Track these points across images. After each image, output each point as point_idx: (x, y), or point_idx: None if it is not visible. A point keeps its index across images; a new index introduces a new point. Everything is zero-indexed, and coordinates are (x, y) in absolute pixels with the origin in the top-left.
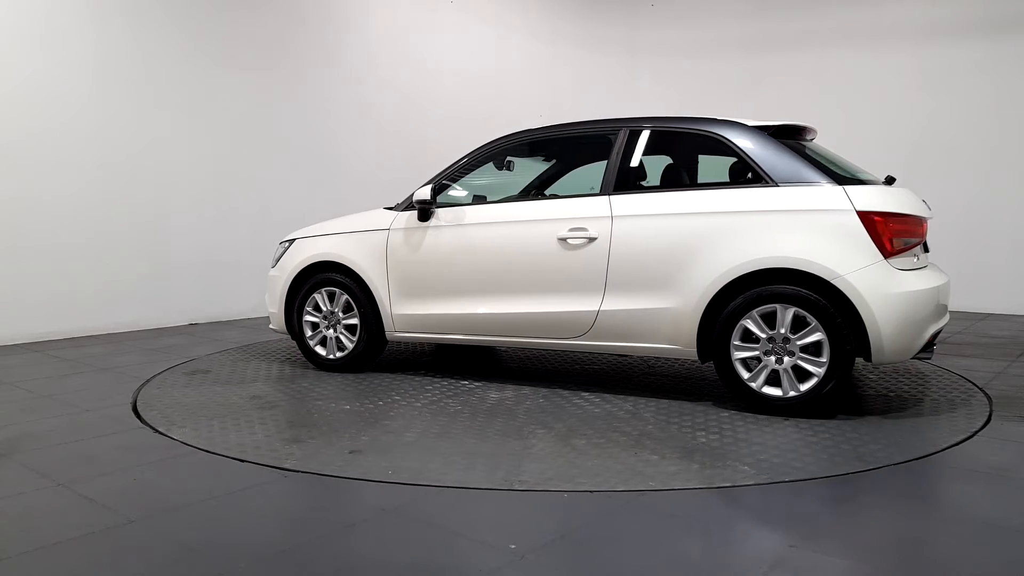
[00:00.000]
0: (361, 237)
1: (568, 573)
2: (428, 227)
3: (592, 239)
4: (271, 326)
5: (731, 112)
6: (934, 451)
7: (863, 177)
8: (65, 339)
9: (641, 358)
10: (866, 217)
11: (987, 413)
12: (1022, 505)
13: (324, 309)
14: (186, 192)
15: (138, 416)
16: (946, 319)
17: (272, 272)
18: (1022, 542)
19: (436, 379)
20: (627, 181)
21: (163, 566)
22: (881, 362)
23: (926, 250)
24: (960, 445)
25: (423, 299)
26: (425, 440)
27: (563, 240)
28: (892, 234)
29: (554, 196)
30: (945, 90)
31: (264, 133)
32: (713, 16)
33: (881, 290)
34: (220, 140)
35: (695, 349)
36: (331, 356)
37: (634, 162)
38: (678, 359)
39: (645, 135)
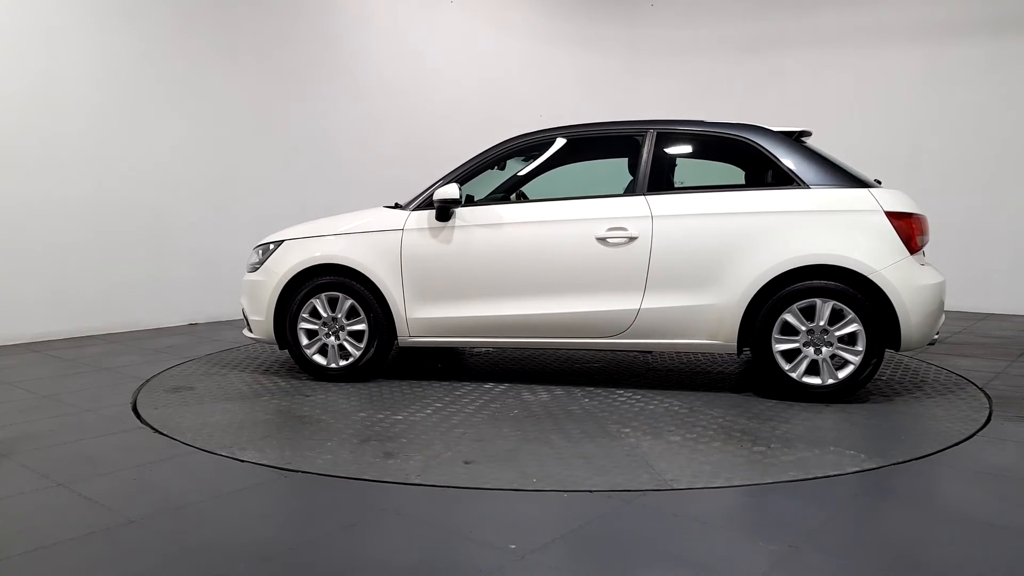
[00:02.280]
0: (370, 238)
1: (568, 573)
2: (454, 227)
3: (632, 238)
4: (251, 335)
5: (731, 112)
6: (934, 451)
7: (862, 178)
8: (65, 339)
9: (634, 355)
10: (893, 217)
11: (987, 413)
12: (1022, 505)
13: (324, 315)
14: (186, 192)
15: (138, 416)
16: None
17: (253, 277)
18: (1022, 542)
19: (454, 384)
20: (660, 182)
21: (163, 566)
22: (908, 349)
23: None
24: (960, 445)
25: (447, 302)
26: (523, 445)
27: (602, 240)
28: (915, 232)
29: (587, 197)
30: (945, 90)
31: (264, 133)
32: (713, 16)
33: (910, 283)
34: (220, 140)
35: (735, 343)
36: (333, 365)
37: (665, 164)
38: (707, 353)
39: (674, 137)
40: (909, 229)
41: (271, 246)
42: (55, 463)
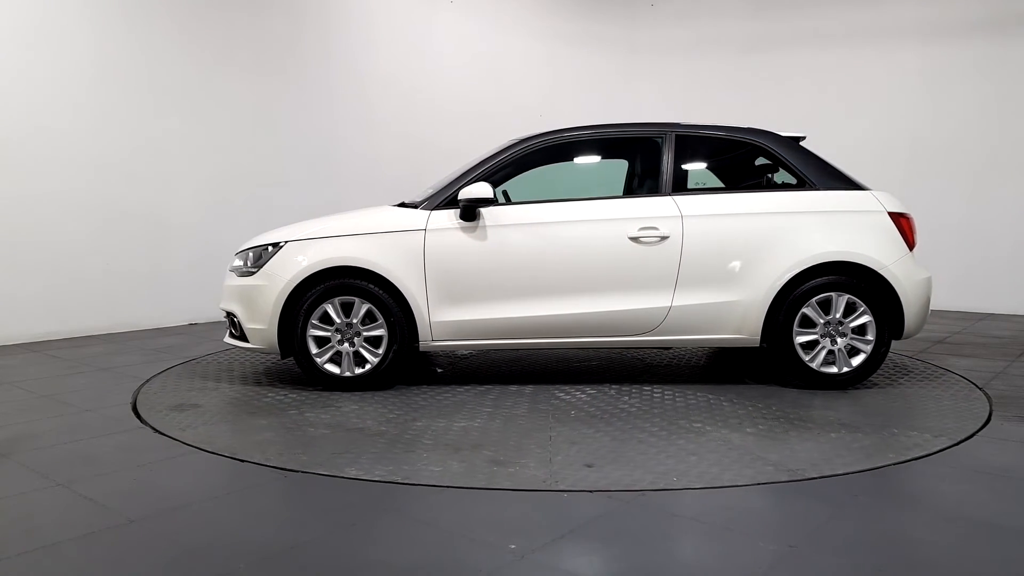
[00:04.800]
0: (389, 238)
1: (568, 573)
2: (486, 227)
3: (664, 237)
4: (241, 343)
5: (731, 112)
6: (934, 451)
7: (855, 180)
8: (65, 339)
9: (626, 351)
10: (895, 217)
11: (987, 413)
12: (1022, 505)
13: (337, 321)
14: (186, 192)
15: (138, 416)
16: None
17: (250, 281)
18: (1022, 542)
19: (475, 388)
20: (683, 182)
21: (163, 566)
22: (907, 337)
23: None
24: (960, 445)
25: (476, 303)
26: (620, 445)
27: (634, 239)
28: (912, 231)
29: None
30: (945, 90)
31: (264, 132)
32: (713, 16)
33: (911, 277)
34: (220, 140)
35: (759, 337)
36: (348, 374)
37: (685, 165)
38: (728, 346)
39: (692, 139)
40: (907, 228)
41: (269, 248)
42: (55, 463)
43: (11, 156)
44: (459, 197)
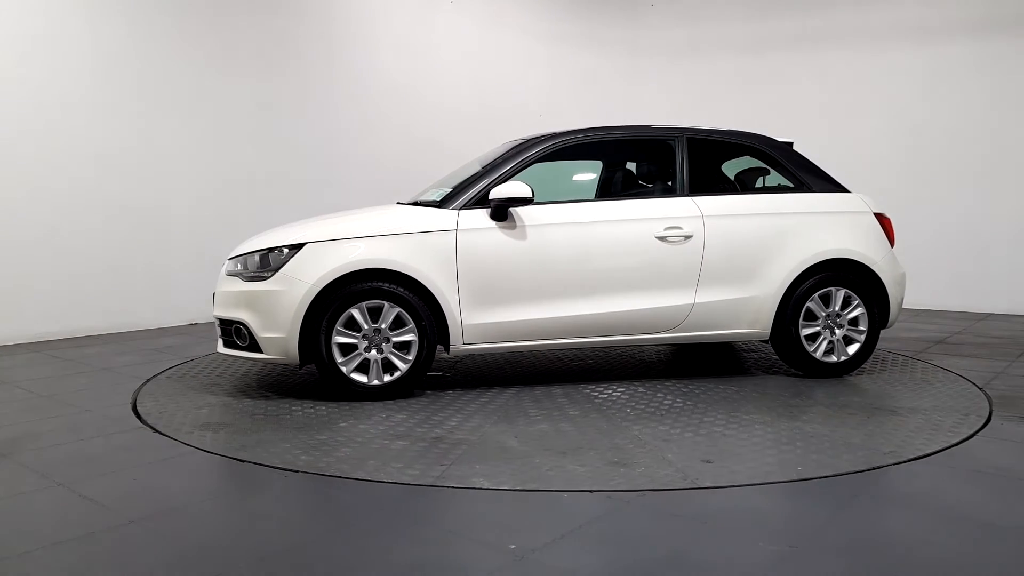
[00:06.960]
0: (419, 239)
1: (568, 573)
2: (525, 226)
3: (688, 237)
4: (256, 355)
5: (731, 112)
6: (934, 451)
7: (839, 182)
8: (65, 339)
9: (615, 349)
10: (879, 217)
11: (987, 413)
12: (1022, 505)
13: (365, 327)
14: (186, 192)
15: (138, 416)
16: None
17: (264, 286)
18: (1022, 542)
19: (502, 390)
20: (699, 183)
21: (163, 566)
22: (890, 326)
23: None
24: (960, 445)
25: (511, 305)
26: (710, 439)
27: (661, 239)
28: (892, 230)
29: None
30: (946, 90)
31: (264, 133)
32: (713, 16)
33: (895, 272)
34: (220, 139)
35: (769, 330)
36: (376, 382)
37: (696, 166)
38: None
39: (700, 143)
40: (888, 227)
41: (285, 250)
42: (55, 463)
43: (11, 156)
44: (493, 196)
